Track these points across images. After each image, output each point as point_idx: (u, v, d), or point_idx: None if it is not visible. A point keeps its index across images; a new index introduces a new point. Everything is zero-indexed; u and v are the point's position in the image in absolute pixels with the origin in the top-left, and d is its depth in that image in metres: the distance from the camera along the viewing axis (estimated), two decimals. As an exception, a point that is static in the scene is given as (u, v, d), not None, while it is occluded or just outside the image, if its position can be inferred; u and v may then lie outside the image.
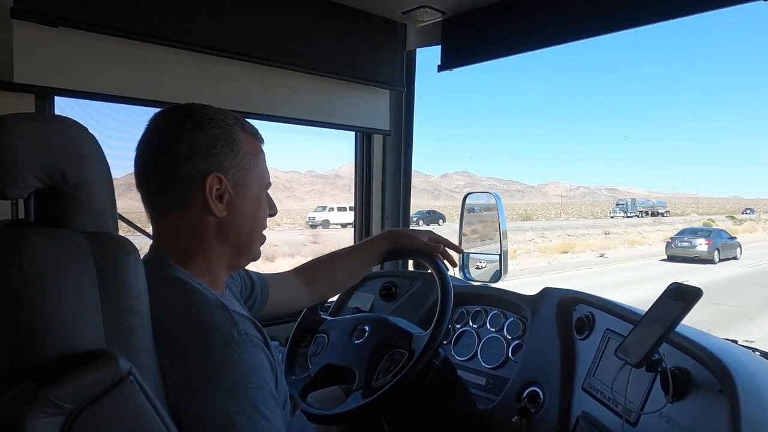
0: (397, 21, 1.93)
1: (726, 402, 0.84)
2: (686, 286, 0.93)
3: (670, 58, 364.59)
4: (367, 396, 1.14)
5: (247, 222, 0.89)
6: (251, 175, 0.87)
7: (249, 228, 0.90)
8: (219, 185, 0.83)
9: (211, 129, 0.84)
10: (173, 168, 0.82)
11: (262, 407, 0.71)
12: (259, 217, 0.91)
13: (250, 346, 0.74)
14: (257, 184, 0.89)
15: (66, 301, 0.61)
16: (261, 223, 0.92)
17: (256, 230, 0.91)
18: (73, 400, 0.57)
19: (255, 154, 0.89)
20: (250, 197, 0.88)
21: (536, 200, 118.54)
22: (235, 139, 0.85)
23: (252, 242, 0.92)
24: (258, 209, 0.90)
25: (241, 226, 0.88)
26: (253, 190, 0.88)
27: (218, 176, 0.83)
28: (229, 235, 0.87)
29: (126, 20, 1.39)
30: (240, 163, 0.85)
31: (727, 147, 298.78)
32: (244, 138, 0.87)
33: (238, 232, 0.88)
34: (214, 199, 0.83)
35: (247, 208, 0.88)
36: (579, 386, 1.21)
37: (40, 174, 0.65)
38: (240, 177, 0.86)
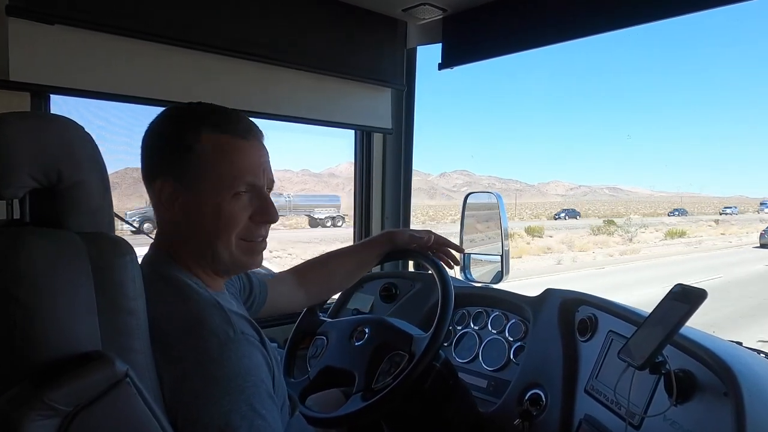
0: (397, 18, 1.93)
1: (730, 405, 0.84)
2: (690, 288, 0.93)
3: (675, 56, 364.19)
4: (366, 399, 1.14)
5: (203, 228, 0.83)
6: (210, 178, 0.81)
7: (207, 234, 0.83)
8: (170, 190, 0.82)
9: (164, 132, 0.84)
10: (144, 169, 0.86)
11: (258, 406, 0.71)
12: (220, 222, 0.83)
13: (246, 344, 0.75)
14: (219, 188, 0.82)
15: (62, 302, 0.61)
16: (224, 228, 0.83)
17: (216, 236, 0.83)
18: (69, 402, 0.57)
19: (222, 156, 0.82)
20: (207, 202, 0.82)
21: (534, 200, 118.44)
22: (191, 143, 0.81)
23: (215, 249, 0.84)
24: (218, 214, 0.82)
25: (196, 231, 0.83)
26: (210, 194, 0.82)
27: (167, 180, 0.82)
28: (189, 239, 0.84)
29: (123, 18, 1.39)
30: (193, 167, 0.81)
31: (732, 146, 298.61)
32: (209, 139, 0.81)
33: (196, 239, 0.84)
34: (165, 203, 0.83)
35: (201, 214, 0.82)
36: (582, 389, 1.21)
37: (35, 174, 0.65)
38: (194, 182, 0.81)
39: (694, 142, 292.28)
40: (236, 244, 0.85)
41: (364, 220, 2.11)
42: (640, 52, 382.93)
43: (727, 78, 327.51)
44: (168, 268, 0.83)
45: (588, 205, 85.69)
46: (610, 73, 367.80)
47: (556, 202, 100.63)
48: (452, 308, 1.18)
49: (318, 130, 1.94)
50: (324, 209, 29.28)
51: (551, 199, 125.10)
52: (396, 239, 1.35)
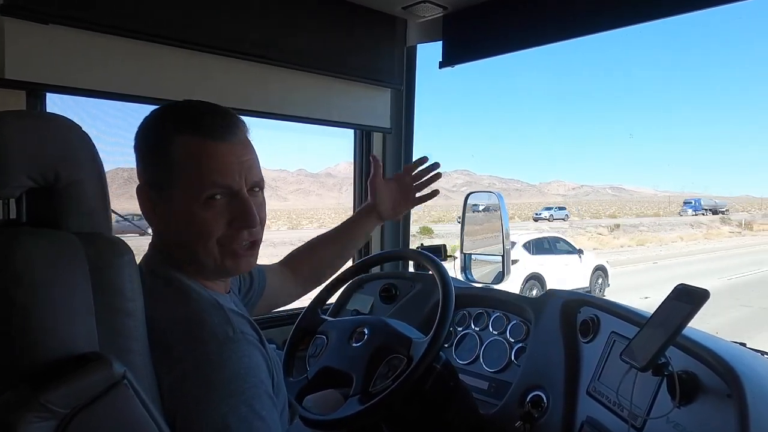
0: (397, 16, 1.93)
1: (734, 406, 0.84)
2: (693, 288, 0.93)
3: (678, 55, 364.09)
4: (363, 402, 1.14)
5: (180, 234, 0.81)
6: (178, 184, 0.79)
7: (184, 240, 0.81)
8: (147, 196, 0.82)
9: (146, 136, 0.83)
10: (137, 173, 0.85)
11: (258, 407, 0.71)
12: (194, 229, 0.80)
13: (245, 344, 0.75)
14: (190, 193, 0.79)
15: (59, 303, 0.61)
16: (200, 235, 0.80)
17: (194, 243, 0.80)
18: (66, 404, 0.57)
19: (193, 159, 0.78)
20: (180, 209, 0.79)
21: (534, 199, 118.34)
22: (164, 146, 0.79)
23: (196, 257, 0.81)
24: (192, 221, 0.79)
25: (176, 238, 0.82)
26: (182, 200, 0.79)
27: (145, 188, 0.82)
28: (173, 245, 0.83)
29: (120, 17, 1.39)
30: (167, 172, 0.79)
31: (736, 145, 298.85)
32: (181, 142, 0.78)
33: (178, 246, 0.82)
34: (145, 210, 0.83)
35: (175, 221, 0.81)
36: (584, 390, 1.21)
37: (32, 173, 0.65)
38: (166, 187, 0.80)
39: (698, 141, 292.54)
40: (219, 251, 0.82)
41: (364, 220, 2.11)
42: (643, 50, 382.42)
43: (730, 77, 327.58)
44: (166, 269, 0.83)
45: (587, 205, 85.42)
46: (612, 71, 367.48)
47: (556, 203, 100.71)
48: (452, 312, 1.18)
49: (316, 129, 1.94)
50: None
51: (551, 199, 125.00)
52: (379, 207, 1.34)
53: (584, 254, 11.74)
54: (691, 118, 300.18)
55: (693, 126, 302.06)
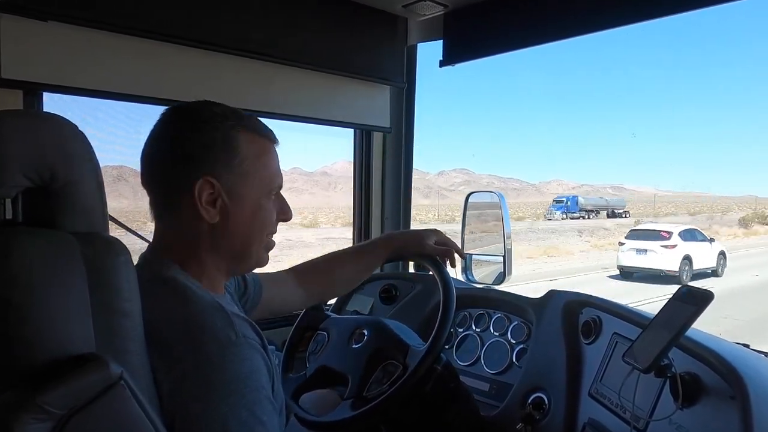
0: (397, 15, 1.93)
1: (737, 408, 0.84)
2: (696, 289, 0.93)
3: (680, 53, 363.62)
4: (356, 408, 1.15)
5: (243, 229, 0.86)
6: (250, 179, 0.85)
7: (245, 235, 0.87)
8: (211, 190, 0.82)
9: (207, 131, 0.82)
10: (167, 170, 0.84)
11: (258, 412, 0.71)
12: (258, 223, 0.88)
13: (247, 348, 0.75)
14: (259, 188, 0.86)
15: (55, 303, 0.61)
16: (261, 229, 0.89)
17: (253, 237, 0.88)
18: (63, 405, 0.57)
19: (259, 157, 0.86)
20: (248, 203, 0.85)
21: (532, 199, 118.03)
22: (233, 142, 0.83)
23: (249, 250, 0.89)
24: (257, 215, 0.87)
25: (235, 233, 0.86)
26: (251, 195, 0.85)
27: (210, 181, 0.82)
28: (223, 241, 0.85)
29: (118, 15, 1.39)
30: (237, 167, 0.83)
31: (741, 144, 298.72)
32: (246, 139, 0.85)
33: (232, 240, 0.86)
34: (205, 204, 0.82)
35: (242, 215, 0.85)
36: (585, 392, 1.21)
37: (28, 173, 0.65)
38: (236, 182, 0.83)
39: (701, 140, 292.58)
40: (264, 243, 0.91)
41: (364, 220, 2.11)
42: (645, 49, 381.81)
43: (733, 76, 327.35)
44: (167, 270, 0.82)
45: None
46: (614, 70, 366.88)
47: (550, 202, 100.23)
48: (452, 316, 1.18)
49: (313, 128, 1.94)
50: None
51: (549, 198, 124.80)
52: (402, 243, 1.32)
53: (714, 242, 14.87)
54: (693, 117, 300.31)
55: (696, 125, 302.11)
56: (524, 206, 61.96)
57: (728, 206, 76.44)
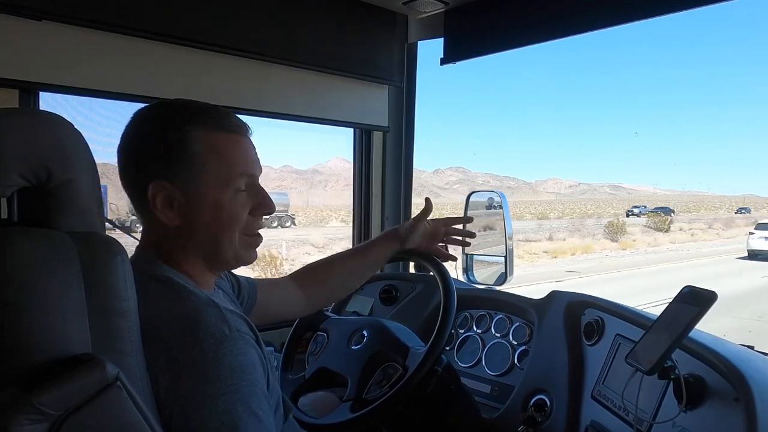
0: (397, 12, 1.93)
1: (742, 411, 0.84)
2: (700, 290, 0.93)
3: (681, 52, 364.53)
4: (355, 410, 1.15)
5: (206, 228, 0.84)
6: (205, 176, 0.82)
7: (210, 234, 0.84)
8: (165, 193, 0.82)
9: (155, 134, 0.82)
10: (127, 176, 0.85)
11: (254, 405, 0.72)
12: (222, 220, 0.84)
13: (241, 342, 0.75)
14: (216, 184, 0.83)
15: (51, 303, 0.62)
16: (227, 226, 0.85)
17: (221, 235, 0.85)
18: (59, 406, 0.57)
19: (214, 152, 0.83)
20: (207, 201, 0.83)
21: (526, 198, 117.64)
22: (183, 141, 0.81)
23: (219, 247, 0.86)
24: (220, 212, 0.84)
25: (199, 232, 0.84)
26: (209, 192, 0.83)
27: (161, 184, 0.81)
28: (190, 241, 0.85)
29: (113, 14, 1.39)
30: (190, 166, 0.81)
31: (741, 143, 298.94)
32: (199, 136, 0.82)
33: (200, 239, 0.85)
34: (161, 208, 0.82)
35: (203, 214, 0.83)
36: (588, 394, 1.21)
37: (24, 172, 0.66)
38: (190, 181, 0.82)
39: (700, 140, 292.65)
40: (239, 240, 0.87)
41: (364, 220, 2.11)
42: (646, 47, 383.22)
43: (733, 75, 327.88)
44: (159, 269, 0.83)
45: (573, 204, 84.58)
46: (614, 69, 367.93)
47: (548, 201, 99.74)
48: (453, 319, 1.18)
49: (305, 125, 1.93)
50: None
51: (543, 198, 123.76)
52: (405, 238, 1.33)
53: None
54: (693, 117, 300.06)
55: (696, 125, 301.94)
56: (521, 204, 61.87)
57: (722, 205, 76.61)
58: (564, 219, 45.59)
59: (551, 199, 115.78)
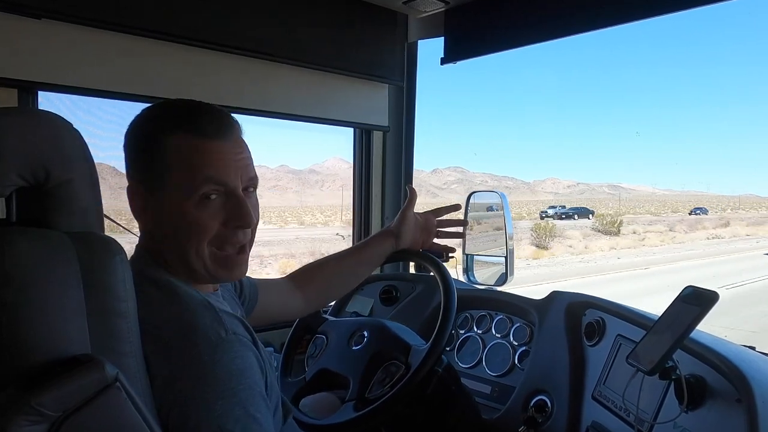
0: (397, 11, 1.93)
1: (743, 411, 0.84)
2: (702, 290, 0.93)
3: (683, 51, 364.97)
4: (358, 409, 1.15)
5: (172, 236, 0.81)
6: (171, 183, 0.79)
7: (176, 243, 0.81)
8: (139, 195, 0.82)
9: (137, 135, 0.83)
10: (127, 176, 0.85)
11: (252, 409, 0.72)
12: (185, 231, 0.79)
13: (238, 345, 0.75)
14: (179, 192, 0.79)
15: (50, 304, 0.62)
16: (192, 236, 0.80)
17: (185, 245, 0.80)
18: (58, 407, 0.57)
19: (185, 159, 0.79)
20: (169, 208, 0.80)
21: (523, 198, 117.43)
22: (158, 145, 0.79)
23: (188, 258, 0.81)
24: (182, 222, 0.79)
25: (168, 240, 0.82)
26: (171, 200, 0.79)
27: (135, 187, 0.82)
28: (164, 246, 0.83)
29: (114, 12, 1.39)
30: (159, 171, 0.79)
31: (741, 143, 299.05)
32: (174, 141, 0.79)
33: (169, 247, 0.82)
34: (137, 211, 0.83)
35: (167, 222, 0.80)
36: (589, 395, 1.21)
37: (22, 171, 0.66)
38: (157, 187, 0.80)
39: (702, 139, 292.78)
40: (209, 253, 0.82)
41: (364, 220, 2.11)
42: (647, 46, 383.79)
43: (733, 74, 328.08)
44: (154, 270, 0.83)
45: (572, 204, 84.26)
46: (615, 68, 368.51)
47: (546, 200, 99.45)
48: (454, 317, 1.18)
49: (303, 125, 1.93)
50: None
51: (542, 197, 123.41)
52: (398, 234, 1.33)
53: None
54: (694, 116, 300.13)
55: (696, 124, 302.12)
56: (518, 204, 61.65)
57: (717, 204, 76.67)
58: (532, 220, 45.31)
59: (550, 199, 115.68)
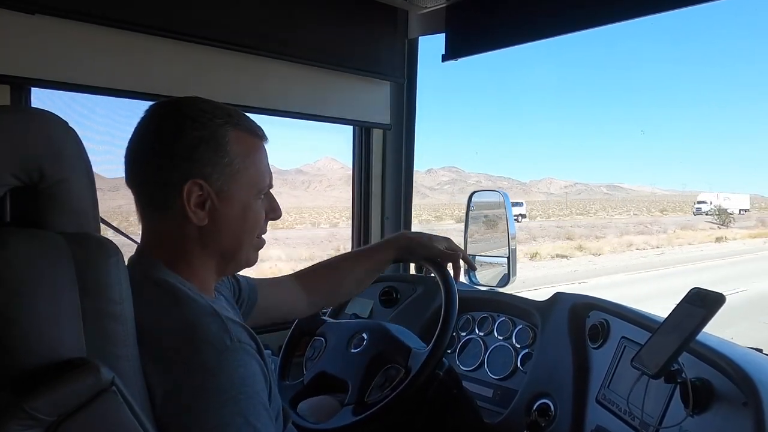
0: (398, 7, 1.93)
1: (750, 415, 0.84)
2: (707, 292, 0.93)
3: (684, 50, 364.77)
4: (357, 413, 1.15)
5: (233, 230, 0.86)
6: (240, 179, 0.84)
7: (235, 236, 0.87)
8: (200, 192, 0.82)
9: (194, 130, 0.81)
10: (152, 171, 0.83)
11: (253, 419, 0.71)
12: (248, 223, 0.88)
13: (242, 354, 0.75)
14: (248, 188, 0.86)
15: (44, 306, 0.61)
16: (251, 229, 0.89)
17: (244, 238, 0.88)
18: (52, 411, 0.57)
19: (249, 156, 0.85)
20: (237, 203, 0.85)
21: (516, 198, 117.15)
22: (221, 141, 0.82)
23: (239, 250, 0.89)
24: (247, 215, 0.87)
25: (225, 234, 0.86)
26: (241, 195, 0.85)
27: (198, 182, 0.81)
28: (212, 242, 0.85)
29: (109, 8, 1.39)
30: (226, 167, 0.83)
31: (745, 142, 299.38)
32: (236, 138, 0.84)
33: (222, 241, 0.86)
34: (193, 206, 0.82)
35: (232, 216, 0.85)
36: (593, 398, 1.21)
37: (16, 171, 0.65)
38: (225, 183, 0.83)
39: (705, 139, 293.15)
40: (254, 243, 0.92)
41: (363, 220, 2.11)
42: (648, 45, 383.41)
43: (736, 74, 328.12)
44: (159, 272, 0.82)
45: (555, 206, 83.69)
46: (615, 67, 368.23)
47: (539, 201, 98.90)
48: (455, 319, 1.18)
49: (296, 124, 1.92)
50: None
51: (535, 198, 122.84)
52: (411, 246, 1.31)
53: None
54: (694, 115, 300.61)
55: (696, 124, 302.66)
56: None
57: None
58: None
59: (540, 199, 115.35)
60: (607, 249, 23.46)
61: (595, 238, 27.87)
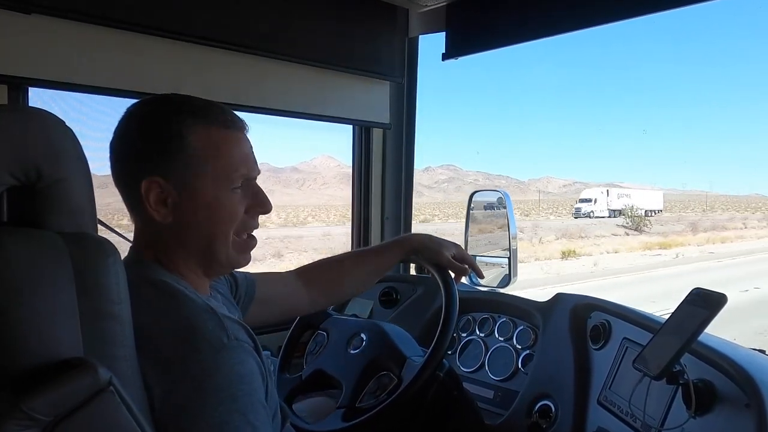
0: (397, 6, 1.93)
1: (753, 417, 0.84)
2: (710, 292, 0.93)
3: (683, 49, 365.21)
4: (347, 419, 1.16)
5: (202, 226, 0.84)
6: (203, 173, 0.82)
7: (205, 233, 0.85)
8: (159, 190, 0.82)
9: (153, 127, 0.82)
10: (121, 170, 0.85)
11: (251, 417, 0.72)
12: (217, 219, 0.85)
13: (240, 351, 0.75)
14: (216, 181, 0.83)
15: (41, 306, 0.62)
16: (222, 225, 0.85)
17: (215, 235, 0.85)
18: (49, 412, 0.57)
19: (217, 148, 0.83)
20: (202, 199, 0.83)
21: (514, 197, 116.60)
22: (181, 136, 0.81)
23: (215, 248, 0.86)
24: (215, 211, 0.84)
25: (195, 230, 0.84)
26: (205, 190, 0.83)
27: (156, 180, 0.81)
28: (186, 240, 0.85)
29: (106, 7, 1.39)
30: (187, 162, 0.82)
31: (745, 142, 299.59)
32: (199, 131, 0.82)
33: (194, 238, 0.85)
34: (154, 204, 0.82)
35: (198, 212, 0.83)
36: (594, 400, 1.21)
37: (13, 170, 0.66)
38: (186, 178, 0.82)
39: (706, 138, 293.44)
40: (232, 241, 0.87)
41: (363, 220, 2.11)
42: (649, 44, 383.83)
43: (737, 75, 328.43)
44: (154, 272, 0.83)
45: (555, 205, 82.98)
46: (616, 66, 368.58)
47: (534, 200, 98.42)
48: (454, 324, 1.18)
49: (292, 123, 1.92)
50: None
51: (532, 197, 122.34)
52: (418, 249, 1.30)
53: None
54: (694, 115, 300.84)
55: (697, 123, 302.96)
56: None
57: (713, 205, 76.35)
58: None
59: (535, 198, 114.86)
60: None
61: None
